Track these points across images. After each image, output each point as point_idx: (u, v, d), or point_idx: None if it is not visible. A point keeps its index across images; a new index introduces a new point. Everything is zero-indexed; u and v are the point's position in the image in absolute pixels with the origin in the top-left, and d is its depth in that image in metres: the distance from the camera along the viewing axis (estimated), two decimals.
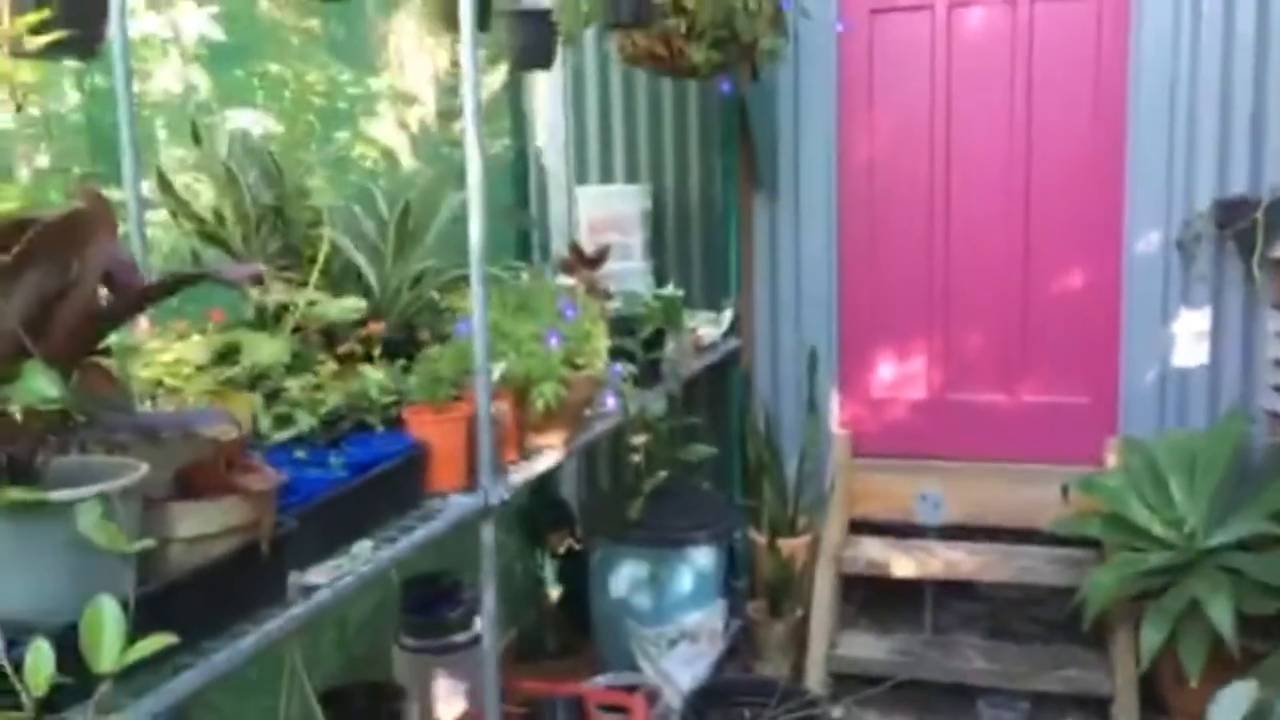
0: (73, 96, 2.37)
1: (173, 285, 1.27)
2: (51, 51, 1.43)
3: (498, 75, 3.96)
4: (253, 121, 5.84)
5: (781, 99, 3.93)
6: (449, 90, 7.26)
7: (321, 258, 1.90)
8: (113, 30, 1.92)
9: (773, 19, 3.22)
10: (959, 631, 3.78)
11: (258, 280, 1.71)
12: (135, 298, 1.24)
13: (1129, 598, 3.35)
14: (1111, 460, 3.68)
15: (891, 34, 3.89)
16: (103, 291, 1.25)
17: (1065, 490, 3.65)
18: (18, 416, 1.22)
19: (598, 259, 3.35)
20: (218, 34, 5.95)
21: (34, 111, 1.86)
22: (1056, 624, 3.71)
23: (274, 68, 6.96)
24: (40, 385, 1.18)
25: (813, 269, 4.02)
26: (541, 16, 3.08)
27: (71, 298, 1.20)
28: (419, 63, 7.80)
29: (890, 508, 3.93)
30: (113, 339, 1.39)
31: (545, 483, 3.77)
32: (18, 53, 1.40)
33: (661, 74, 3.39)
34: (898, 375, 4.06)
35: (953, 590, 3.85)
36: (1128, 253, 3.73)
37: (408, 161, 8.11)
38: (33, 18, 1.35)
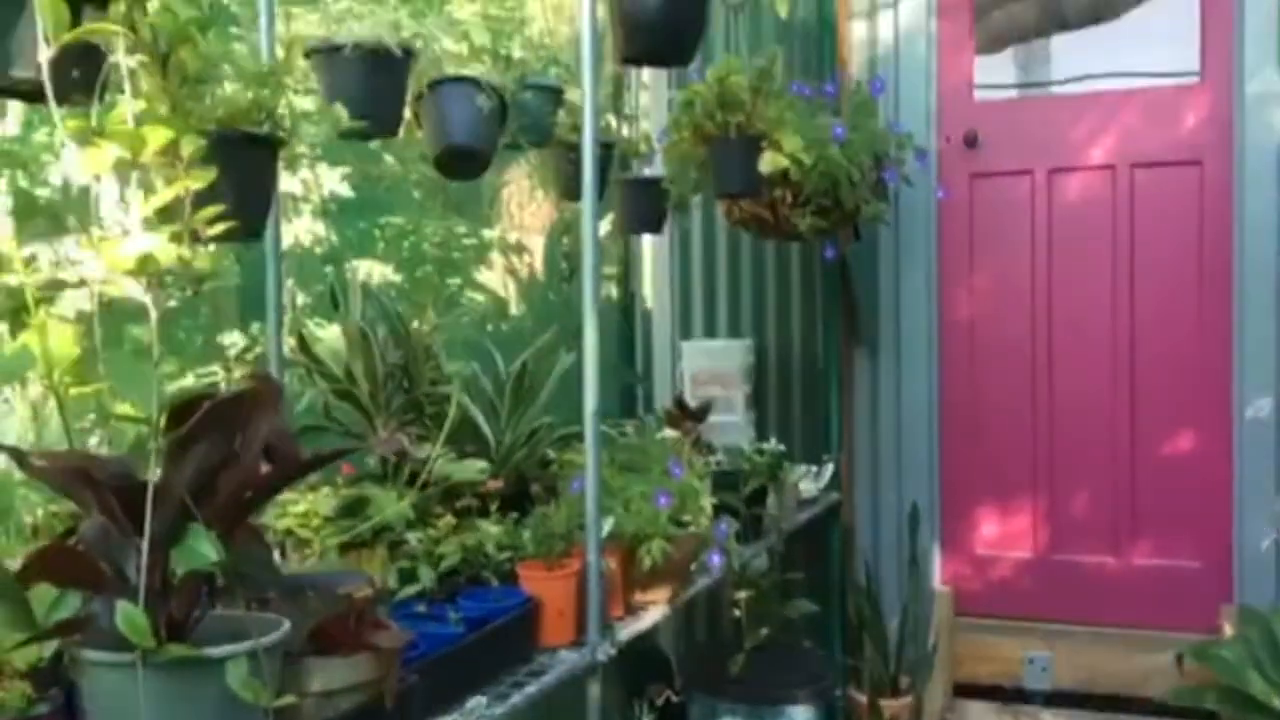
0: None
1: (327, 459, 1.38)
2: (225, 238, 1.59)
3: (603, 224, 4.15)
4: (375, 272, 6.14)
5: (883, 258, 4.03)
6: (559, 241, 7.51)
7: (449, 425, 2.00)
8: None
9: (875, 187, 3.34)
10: None
11: (400, 454, 1.82)
12: (292, 470, 1.35)
13: None
14: (1227, 629, 3.56)
15: (991, 197, 3.99)
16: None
17: (1180, 659, 3.54)
18: (178, 575, 1.33)
19: (701, 413, 3.43)
20: (345, 190, 6.33)
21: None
22: None
23: (396, 220, 7.35)
24: (202, 549, 1.29)
25: (913, 424, 4.04)
26: (653, 185, 3.25)
27: (235, 468, 1.32)
28: (531, 216, 8.14)
29: (995, 671, 3.84)
30: None
31: (645, 634, 3.78)
32: (197, 238, 1.56)
33: (766, 237, 3.52)
34: (1002, 533, 4.02)
35: None
36: (1238, 416, 3.68)
37: (516, 309, 8.35)
38: (211, 211, 1.51)
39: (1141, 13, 4.17)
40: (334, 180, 5.71)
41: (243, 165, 1.66)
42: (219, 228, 1.55)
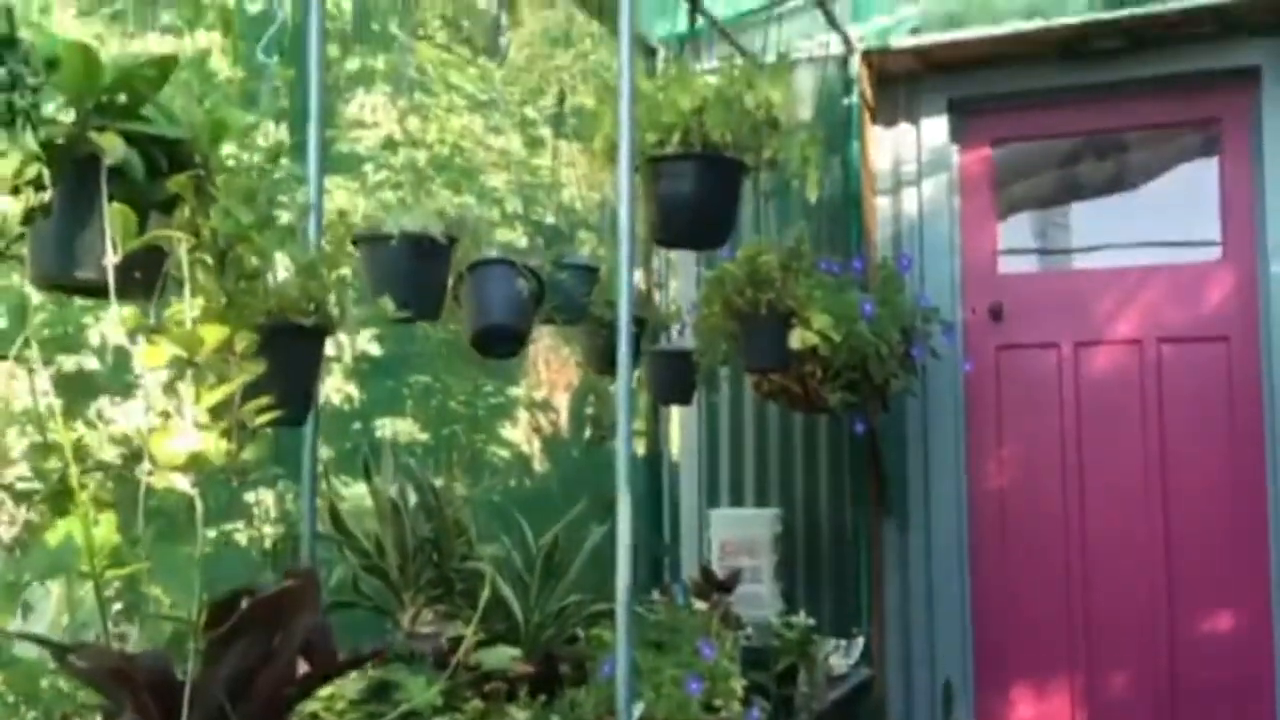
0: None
1: (367, 658, 1.37)
2: (271, 424, 1.62)
3: None
4: (400, 431, 6.15)
5: (911, 429, 4.03)
6: (584, 400, 7.55)
7: (481, 608, 1.99)
8: None
9: (903, 360, 3.38)
10: None
11: (438, 652, 1.80)
12: (332, 669, 1.35)
13: None
14: None
15: (1018, 370, 4.01)
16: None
17: None
18: None
19: (729, 584, 3.39)
20: (375, 349, 6.40)
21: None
22: None
23: (423, 378, 7.40)
24: None
25: (945, 598, 3.97)
26: (683, 356, 3.30)
27: (273, 667, 1.31)
28: (556, 374, 8.18)
29: None
30: None
31: None
32: (243, 427, 1.59)
33: (795, 409, 3.53)
34: (1038, 712, 3.90)
35: None
36: (1277, 590, 3.61)
37: (540, 465, 8.31)
38: (259, 403, 1.54)
39: (1160, 184, 4.28)
40: (363, 339, 5.80)
41: (291, 354, 1.71)
42: (266, 417, 1.58)
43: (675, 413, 4.27)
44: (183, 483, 1.37)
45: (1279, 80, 3.66)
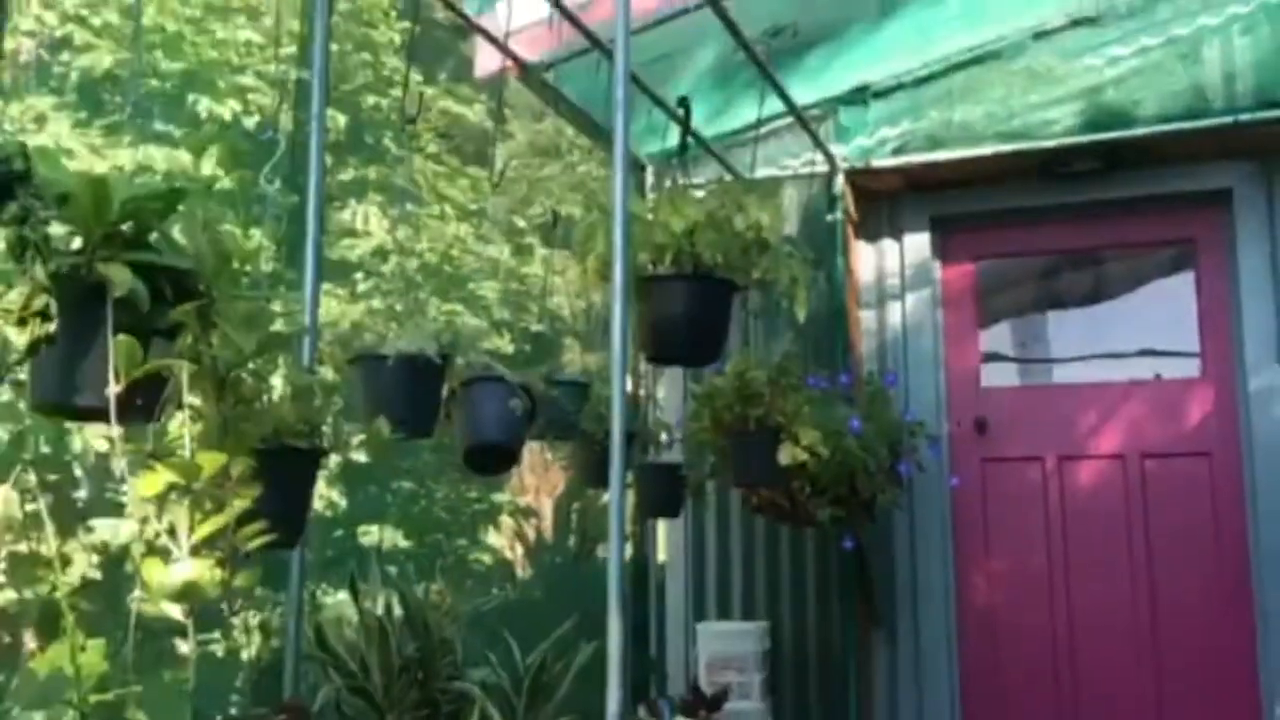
0: None
1: None
2: (265, 548, 1.61)
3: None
4: (384, 539, 6.10)
5: (898, 543, 4.02)
6: (569, 507, 7.48)
7: None
8: None
9: (890, 474, 3.39)
10: None
11: None
12: None
13: None
14: None
15: (1004, 482, 4.02)
16: None
17: None
18: None
19: (717, 702, 3.34)
20: (360, 456, 6.37)
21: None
22: None
23: (406, 484, 7.34)
24: None
25: (935, 713, 3.92)
26: (671, 470, 3.30)
27: None
28: (540, 480, 8.13)
29: None
30: None
31: None
32: (237, 551, 1.58)
33: (783, 523, 3.53)
34: None
35: None
36: (1266, 707, 3.57)
37: (523, 571, 8.20)
38: (253, 529, 1.53)
39: (1139, 296, 4.36)
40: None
41: (286, 477, 1.71)
42: (260, 541, 1.57)
43: (661, 524, 4.26)
44: (175, 612, 1.36)
45: (1250, 202, 3.76)
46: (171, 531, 1.42)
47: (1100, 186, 3.91)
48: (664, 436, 3.34)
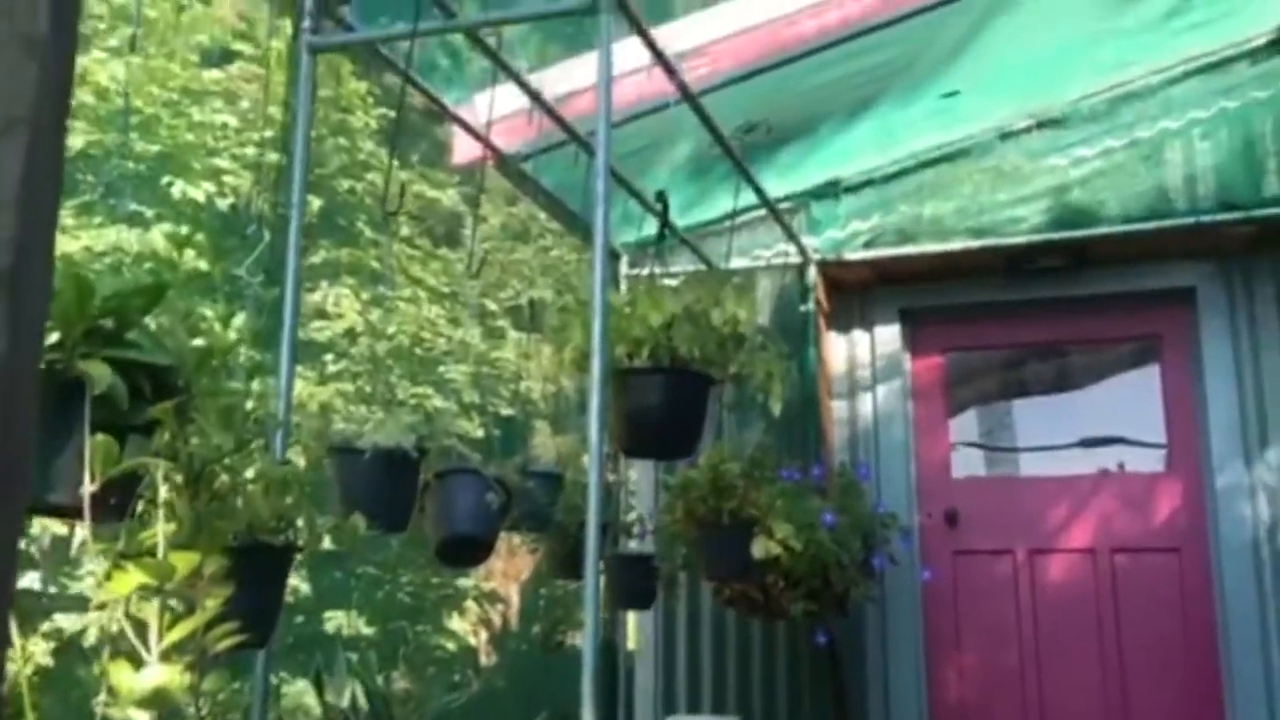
0: None
1: None
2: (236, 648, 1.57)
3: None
4: (347, 625, 5.97)
5: (870, 636, 3.99)
6: (536, 593, 7.38)
7: None
8: None
9: (863, 566, 3.37)
10: None
11: None
12: None
13: None
14: None
15: (975, 575, 4.02)
16: None
17: None
18: None
19: None
20: (326, 542, 6.25)
21: None
22: None
23: (370, 570, 7.22)
24: None
25: None
26: (643, 561, 3.27)
27: None
28: (506, 563, 8.01)
29: None
30: None
31: None
32: (207, 651, 1.54)
33: (755, 617, 3.50)
34: None
35: None
36: None
37: (487, 658, 8.06)
38: (225, 628, 1.50)
39: (1105, 387, 4.43)
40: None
41: (259, 574, 1.68)
42: (230, 641, 1.53)
43: (631, 615, 4.21)
44: (143, 719, 1.32)
45: (1213, 301, 3.83)
46: (141, 633, 1.39)
47: (1067, 283, 3.98)
48: (636, 528, 3.32)
